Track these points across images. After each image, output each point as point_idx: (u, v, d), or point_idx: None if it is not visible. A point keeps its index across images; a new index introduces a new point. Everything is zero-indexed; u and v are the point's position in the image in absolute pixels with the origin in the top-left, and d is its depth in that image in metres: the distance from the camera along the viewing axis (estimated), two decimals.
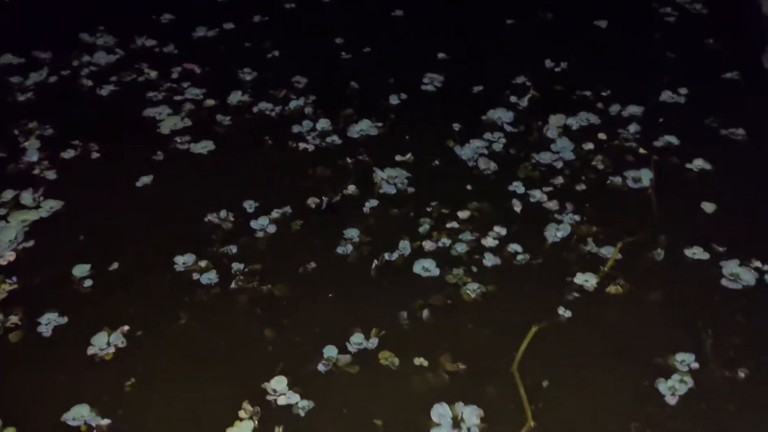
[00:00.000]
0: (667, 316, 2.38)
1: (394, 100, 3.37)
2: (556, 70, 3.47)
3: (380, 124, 3.24)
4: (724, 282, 2.45)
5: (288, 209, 2.84)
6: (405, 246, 2.68)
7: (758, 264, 2.49)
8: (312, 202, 2.88)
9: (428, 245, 2.67)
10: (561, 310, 2.42)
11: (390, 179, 2.96)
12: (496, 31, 3.77)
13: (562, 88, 3.37)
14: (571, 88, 3.35)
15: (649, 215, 2.74)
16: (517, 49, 3.62)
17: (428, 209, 2.81)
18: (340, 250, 2.68)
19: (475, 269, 2.58)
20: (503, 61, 3.54)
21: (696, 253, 2.55)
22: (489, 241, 2.68)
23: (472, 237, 2.68)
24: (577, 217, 2.74)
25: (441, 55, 3.61)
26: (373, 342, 2.36)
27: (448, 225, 2.74)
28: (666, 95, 3.23)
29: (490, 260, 2.61)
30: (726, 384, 2.18)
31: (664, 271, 2.53)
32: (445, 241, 2.67)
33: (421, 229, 2.72)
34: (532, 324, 2.37)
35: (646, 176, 2.89)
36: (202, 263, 2.64)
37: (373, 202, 2.86)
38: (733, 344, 2.28)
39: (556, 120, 3.16)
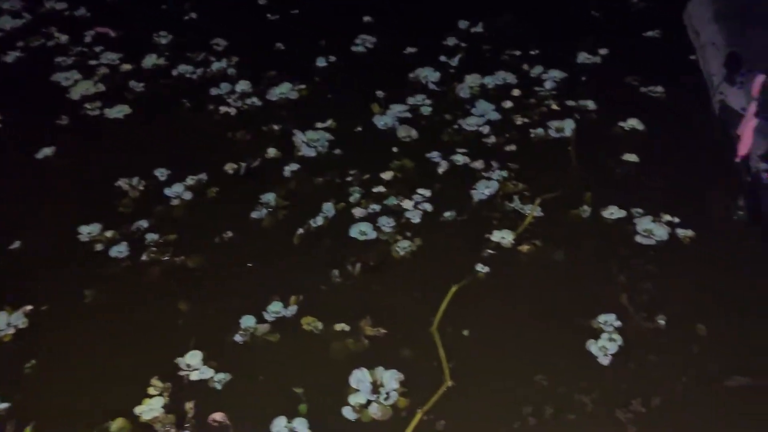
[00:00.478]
0: (582, 274, 2.37)
1: (321, 62, 3.27)
2: (486, 30, 3.42)
3: (303, 86, 3.14)
4: (638, 238, 2.46)
5: (204, 176, 2.74)
6: (329, 209, 2.61)
7: (669, 218, 2.51)
8: (230, 167, 2.78)
9: (356, 210, 2.61)
10: (480, 267, 2.40)
11: (311, 142, 2.88)
12: None
13: (491, 47, 3.31)
14: (500, 48, 3.30)
15: (570, 172, 2.72)
16: (451, 10, 3.54)
17: (351, 173, 2.75)
18: (255, 215, 2.60)
19: (402, 229, 2.54)
20: (437, 22, 3.47)
21: (613, 212, 2.54)
22: (415, 200, 2.64)
23: (397, 201, 2.63)
24: (504, 174, 2.71)
25: (367, 19, 3.51)
26: (292, 309, 2.30)
27: (374, 189, 2.68)
28: (584, 56, 3.20)
29: (416, 218, 2.57)
30: (649, 335, 2.19)
31: (582, 228, 2.52)
32: (375, 206, 2.62)
33: (350, 197, 2.66)
34: (452, 283, 2.34)
35: (568, 126, 2.88)
36: (109, 233, 2.53)
37: (294, 166, 2.78)
38: (650, 296, 2.28)
39: (471, 79, 3.12)
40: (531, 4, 3.54)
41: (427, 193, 2.66)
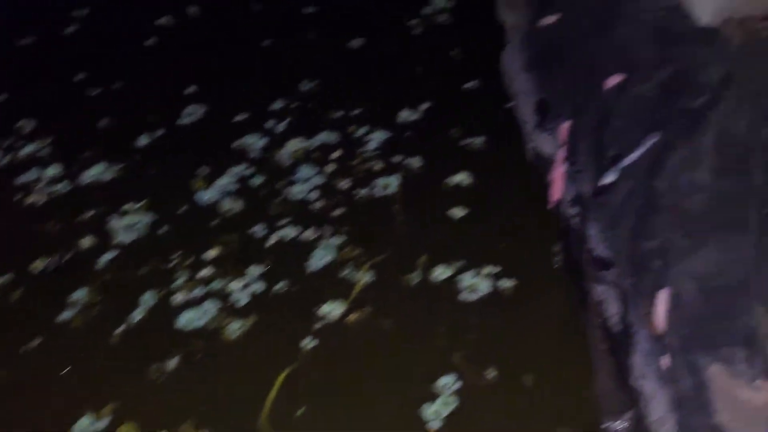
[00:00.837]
0: (412, 338, 2.35)
1: (143, 140, 3.14)
2: (313, 91, 3.40)
3: (121, 166, 3.00)
4: (463, 295, 2.47)
5: (6, 278, 2.54)
6: (149, 299, 2.47)
7: (492, 270, 2.54)
8: (37, 265, 2.60)
9: (179, 297, 2.49)
10: (308, 344, 2.32)
11: (128, 227, 2.74)
12: (256, 54, 3.64)
13: (317, 109, 3.30)
14: (325, 110, 3.29)
15: (398, 232, 2.72)
16: (278, 73, 3.51)
17: (173, 257, 2.63)
18: (65, 315, 2.43)
19: (229, 313, 2.44)
20: (265, 86, 3.42)
21: (440, 271, 2.55)
22: (241, 281, 2.54)
23: (224, 282, 2.53)
24: (337, 240, 2.67)
25: (191, 89, 3.41)
26: (104, 422, 2.13)
27: (200, 272, 2.57)
28: (407, 113, 3.24)
29: (243, 299, 2.48)
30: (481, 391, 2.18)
31: (411, 290, 2.51)
32: (198, 291, 2.50)
33: (174, 284, 2.54)
34: (280, 368, 2.25)
35: (393, 183, 2.89)
36: None
37: (110, 255, 2.63)
38: (479, 353, 2.28)
39: (291, 145, 3.08)
40: (356, 62, 3.57)
41: (257, 270, 2.58)
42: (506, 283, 2.49)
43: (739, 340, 1.77)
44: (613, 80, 2.66)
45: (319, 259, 2.61)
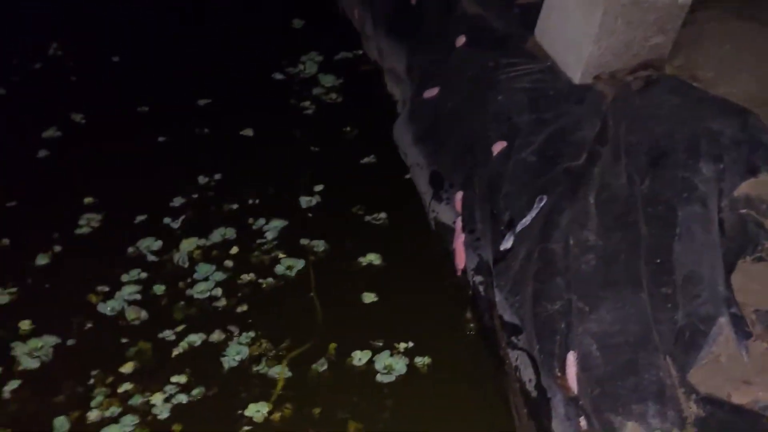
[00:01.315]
0: (339, 426, 2.36)
1: (42, 259, 3.03)
2: (209, 185, 3.39)
3: (14, 290, 2.89)
4: (379, 377, 2.50)
5: None
6: (61, 424, 2.37)
7: (406, 345, 2.58)
8: None
9: (94, 414, 2.41)
10: None
11: (33, 352, 2.63)
12: (151, 150, 3.60)
13: (213, 203, 3.28)
14: (221, 203, 3.28)
15: (313, 319, 2.73)
16: (175, 168, 3.48)
17: (85, 377, 2.54)
18: None
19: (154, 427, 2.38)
20: (163, 183, 3.38)
21: (360, 357, 2.57)
22: (161, 394, 2.48)
23: (143, 398, 2.47)
24: (247, 338, 2.65)
25: (87, 199, 3.33)
26: None
27: (117, 388, 2.51)
28: (306, 198, 3.27)
29: (165, 412, 2.42)
30: None
31: (332, 380, 2.52)
32: (116, 408, 2.43)
33: (91, 403, 2.46)
34: None
35: (298, 265, 2.91)
36: None
37: (15, 384, 2.52)
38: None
39: (187, 245, 3.04)
40: (250, 151, 3.58)
41: (176, 379, 2.52)
42: (423, 359, 2.53)
43: (649, 395, 1.86)
44: (498, 147, 2.78)
45: (233, 358, 2.59)
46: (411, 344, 2.59)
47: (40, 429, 2.38)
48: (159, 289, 2.86)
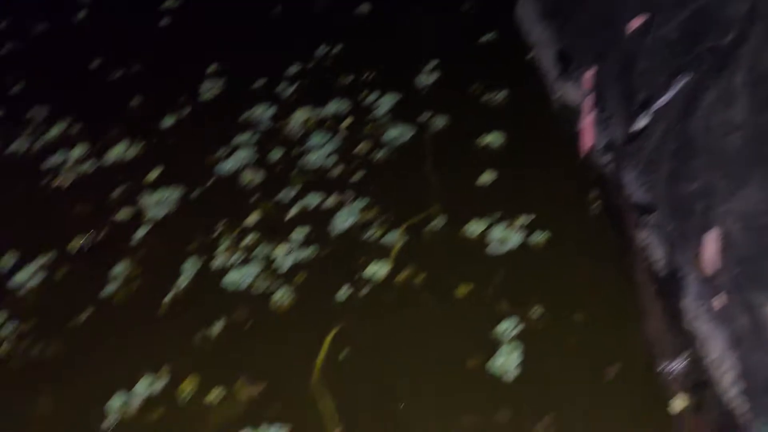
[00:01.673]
0: (458, 293, 2.35)
1: (168, 120, 3.11)
2: (325, 57, 3.36)
3: (142, 144, 2.99)
4: (500, 248, 2.47)
5: (48, 258, 2.55)
6: (189, 267, 2.48)
7: (523, 221, 2.53)
8: (74, 244, 2.60)
9: (219, 261, 2.50)
10: (354, 303, 2.34)
11: (159, 202, 2.74)
12: (271, 21, 3.59)
13: (330, 75, 3.26)
14: (337, 75, 3.25)
15: (428, 191, 2.72)
16: (293, 40, 3.47)
17: (211, 227, 2.63)
18: (109, 289, 2.45)
19: (274, 277, 2.45)
20: (277, 53, 3.38)
21: (473, 226, 2.55)
22: (283, 247, 2.55)
23: (265, 250, 2.54)
24: (361, 204, 2.67)
25: (210, 65, 3.37)
26: (161, 383, 2.16)
27: (240, 239, 2.58)
28: (425, 74, 3.19)
29: (287, 264, 2.49)
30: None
31: (444, 248, 2.50)
32: (240, 255, 2.52)
33: (216, 251, 2.55)
34: (330, 326, 2.26)
35: (414, 138, 2.88)
36: None
37: (143, 231, 2.64)
38: (532, 299, 2.28)
39: (301, 114, 3.04)
40: (366, 27, 3.52)
41: (297, 235, 2.58)
42: (540, 235, 2.49)
43: None
44: (635, 23, 2.62)
45: (345, 221, 2.61)
46: (529, 219, 2.54)
47: (168, 272, 2.48)
48: (274, 154, 2.90)
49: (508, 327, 2.22)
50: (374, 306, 2.35)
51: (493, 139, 2.86)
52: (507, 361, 2.13)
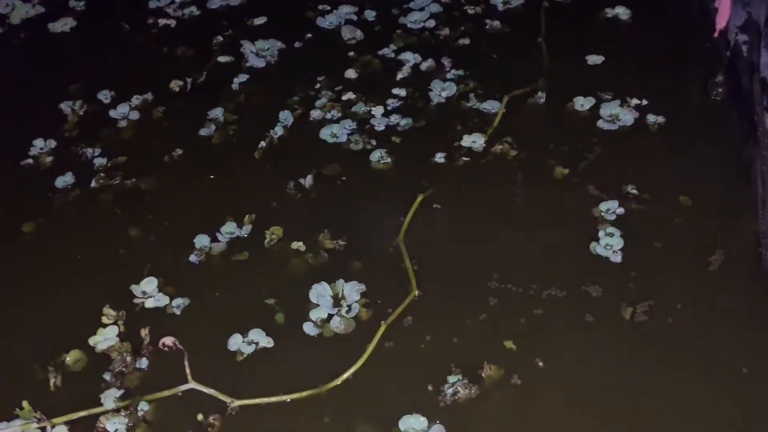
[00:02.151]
0: (556, 167, 2.24)
1: None
2: None
3: None
4: (600, 123, 2.33)
5: (149, 96, 2.58)
6: (285, 117, 2.46)
7: (637, 101, 2.36)
8: (175, 84, 2.62)
9: (316, 114, 2.47)
10: (447, 170, 2.27)
11: (260, 52, 2.70)
12: None
13: None
14: None
15: (535, 65, 2.55)
16: None
17: (310, 80, 2.60)
18: (204, 132, 2.46)
19: (370, 136, 2.40)
20: None
21: (581, 101, 2.39)
22: (381, 108, 2.48)
23: (366, 108, 2.48)
24: (460, 72, 2.56)
25: None
26: (247, 229, 2.18)
27: (339, 94, 2.54)
28: None
29: (383, 125, 2.43)
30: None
31: (548, 121, 2.38)
32: (337, 112, 2.48)
33: (315, 103, 2.52)
34: (418, 193, 2.21)
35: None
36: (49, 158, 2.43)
37: (243, 78, 2.62)
38: (639, 179, 2.16)
39: None
40: None
41: (396, 98, 2.51)
42: (656, 118, 2.32)
43: None
44: None
45: (445, 89, 2.50)
46: (644, 102, 2.36)
47: (265, 120, 2.46)
48: (370, 14, 2.83)
49: (610, 208, 2.09)
50: (467, 176, 2.26)
51: (620, 13, 2.66)
52: (607, 243, 2.02)
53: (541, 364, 1.81)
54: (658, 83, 2.41)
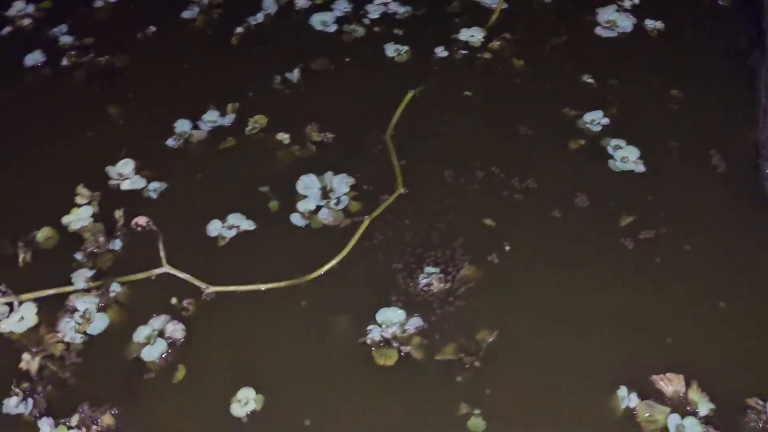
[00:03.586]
0: (547, 69, 2.16)
1: None
2: None
3: None
4: (610, 32, 2.23)
5: None
6: (270, 4, 2.34)
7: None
8: None
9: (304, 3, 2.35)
10: (439, 64, 2.18)
11: None
12: None
13: None
14: None
15: None
16: None
17: None
18: (187, 14, 2.34)
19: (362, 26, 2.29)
20: None
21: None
22: None
23: None
24: None
25: None
26: (230, 118, 2.09)
27: None
28: None
29: (376, 12, 2.32)
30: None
31: (549, 17, 2.28)
32: None
33: None
34: (409, 89, 2.12)
35: None
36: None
37: None
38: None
39: None
40: None
41: None
42: (656, 23, 2.23)
43: None
44: None
45: None
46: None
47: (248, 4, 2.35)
48: None
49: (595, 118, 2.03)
50: (461, 71, 2.17)
51: None
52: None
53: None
54: None
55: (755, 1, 2.10)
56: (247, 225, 1.87)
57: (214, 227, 1.87)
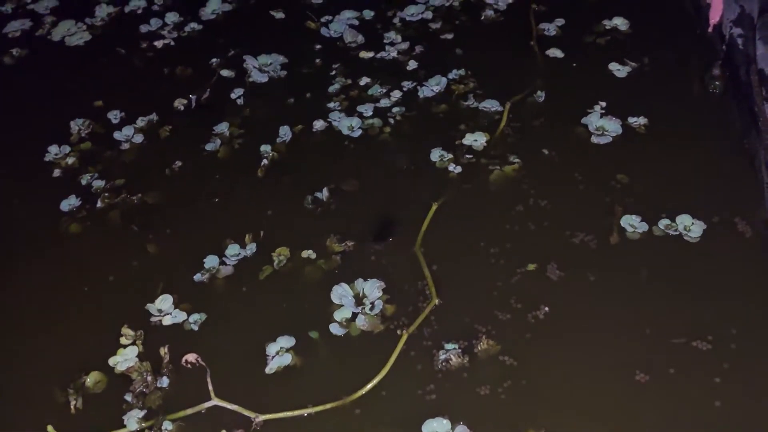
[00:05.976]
0: (564, 181, 2.27)
1: None
2: None
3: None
4: (594, 140, 2.34)
5: (154, 116, 2.59)
6: (285, 132, 2.48)
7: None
8: (179, 103, 2.62)
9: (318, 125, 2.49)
10: (454, 169, 2.31)
11: (263, 67, 2.71)
12: None
13: None
14: None
15: (532, 70, 2.58)
16: None
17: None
18: (210, 146, 2.47)
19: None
20: None
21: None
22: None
23: (381, 90, 2.55)
24: (461, 72, 2.60)
25: None
26: (251, 248, 2.17)
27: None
28: None
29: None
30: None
31: (546, 130, 2.41)
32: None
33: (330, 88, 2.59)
34: (431, 201, 2.22)
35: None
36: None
37: (247, 92, 2.65)
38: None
39: None
40: None
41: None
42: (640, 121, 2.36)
43: None
44: None
45: (432, 88, 2.55)
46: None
47: (268, 134, 2.48)
48: (368, 14, 2.89)
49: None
50: (475, 176, 2.29)
51: (619, 24, 2.71)
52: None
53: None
54: (657, 89, 2.45)
55: (744, 87, 2.22)
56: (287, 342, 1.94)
57: (270, 350, 1.93)
